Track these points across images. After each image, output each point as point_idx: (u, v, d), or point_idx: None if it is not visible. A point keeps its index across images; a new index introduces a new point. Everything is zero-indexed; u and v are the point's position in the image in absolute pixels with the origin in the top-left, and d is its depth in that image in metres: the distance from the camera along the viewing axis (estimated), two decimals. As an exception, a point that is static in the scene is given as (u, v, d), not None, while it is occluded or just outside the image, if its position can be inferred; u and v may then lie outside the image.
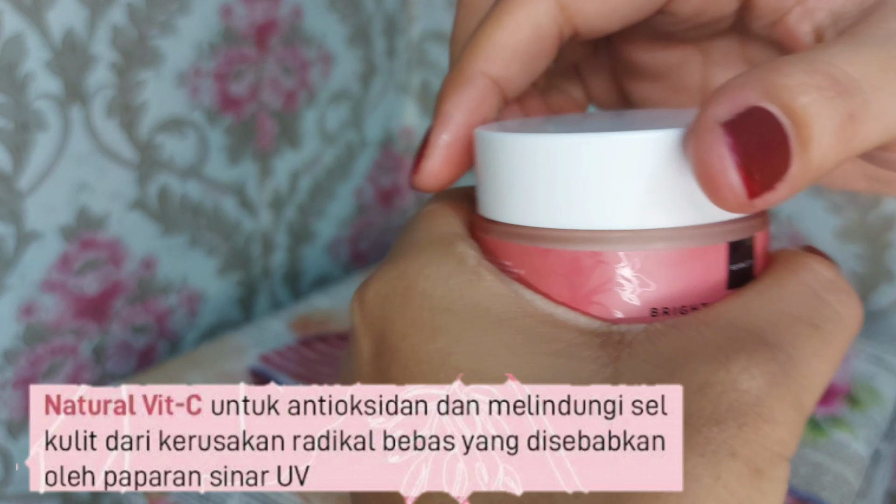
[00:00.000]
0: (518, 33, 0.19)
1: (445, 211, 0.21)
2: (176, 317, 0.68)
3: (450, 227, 0.20)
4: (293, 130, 0.75)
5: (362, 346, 0.20)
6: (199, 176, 0.66)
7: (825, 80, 0.15)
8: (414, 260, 0.19)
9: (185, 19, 0.61)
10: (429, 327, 0.18)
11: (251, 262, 0.75)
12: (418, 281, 0.19)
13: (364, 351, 0.20)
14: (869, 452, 0.51)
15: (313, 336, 0.60)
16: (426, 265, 0.19)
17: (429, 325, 0.18)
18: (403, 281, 0.19)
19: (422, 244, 0.20)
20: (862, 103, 0.15)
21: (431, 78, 0.89)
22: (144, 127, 0.60)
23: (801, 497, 0.44)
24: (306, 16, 0.73)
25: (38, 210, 0.55)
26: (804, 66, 0.15)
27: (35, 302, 0.56)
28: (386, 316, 0.19)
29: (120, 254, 0.61)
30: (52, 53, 0.53)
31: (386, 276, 0.20)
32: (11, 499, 0.59)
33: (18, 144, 0.52)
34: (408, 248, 0.20)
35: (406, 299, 0.18)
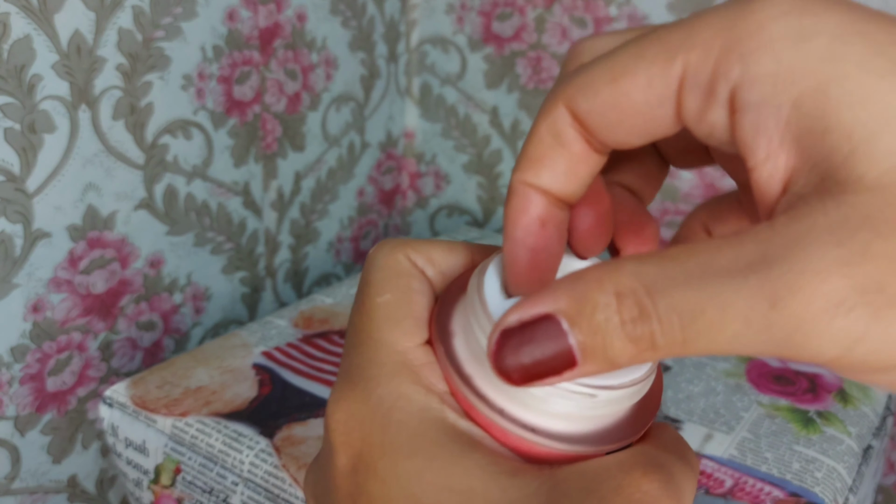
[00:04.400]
0: (540, 144, 0.21)
1: (401, 314, 0.24)
2: (181, 314, 0.69)
3: (408, 338, 0.23)
4: (296, 132, 0.76)
5: (338, 460, 0.22)
6: (204, 176, 0.67)
7: (624, 305, 0.18)
8: (386, 388, 0.22)
9: (191, 23, 0.62)
10: (406, 449, 0.21)
11: (255, 261, 0.75)
12: (393, 412, 0.22)
13: (340, 465, 0.22)
14: (861, 448, 0.51)
15: (316, 333, 0.61)
16: (399, 398, 0.22)
17: (406, 447, 0.21)
18: (380, 409, 0.22)
19: (390, 369, 0.23)
20: (648, 332, 0.17)
21: (432, 81, 0.90)
22: (150, 128, 0.61)
23: (793, 492, 0.45)
24: (309, 20, 0.74)
25: (45, 210, 0.56)
26: (609, 287, 0.18)
27: (43, 300, 0.57)
28: (364, 438, 0.22)
29: (126, 253, 0.62)
30: (60, 56, 0.54)
31: (361, 399, 0.22)
32: (18, 493, 0.60)
33: (26, 146, 0.53)
34: (377, 371, 0.23)
35: (384, 426, 0.22)
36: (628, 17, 0.76)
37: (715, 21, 0.18)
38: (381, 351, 0.23)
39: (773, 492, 0.45)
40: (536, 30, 0.81)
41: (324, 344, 0.59)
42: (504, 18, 0.83)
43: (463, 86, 0.88)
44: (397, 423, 0.22)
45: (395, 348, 0.23)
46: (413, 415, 0.22)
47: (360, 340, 0.24)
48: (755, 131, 0.18)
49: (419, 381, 0.23)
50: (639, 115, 0.19)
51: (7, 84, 0.51)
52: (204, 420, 0.49)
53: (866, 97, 0.17)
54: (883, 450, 0.58)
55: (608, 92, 0.19)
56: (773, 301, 0.16)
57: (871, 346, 0.16)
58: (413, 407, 0.22)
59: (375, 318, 0.23)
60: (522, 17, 0.82)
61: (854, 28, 0.17)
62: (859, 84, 0.17)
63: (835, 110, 0.17)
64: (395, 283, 0.24)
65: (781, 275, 0.16)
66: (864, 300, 0.16)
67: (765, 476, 0.46)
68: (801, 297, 0.16)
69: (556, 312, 0.18)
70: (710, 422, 0.51)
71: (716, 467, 0.47)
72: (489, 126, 0.87)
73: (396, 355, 0.23)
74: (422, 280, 0.24)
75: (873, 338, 0.16)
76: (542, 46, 0.81)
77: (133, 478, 0.52)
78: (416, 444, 0.21)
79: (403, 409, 0.22)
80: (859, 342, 0.16)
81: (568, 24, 0.79)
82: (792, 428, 0.51)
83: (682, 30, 0.18)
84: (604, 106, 0.19)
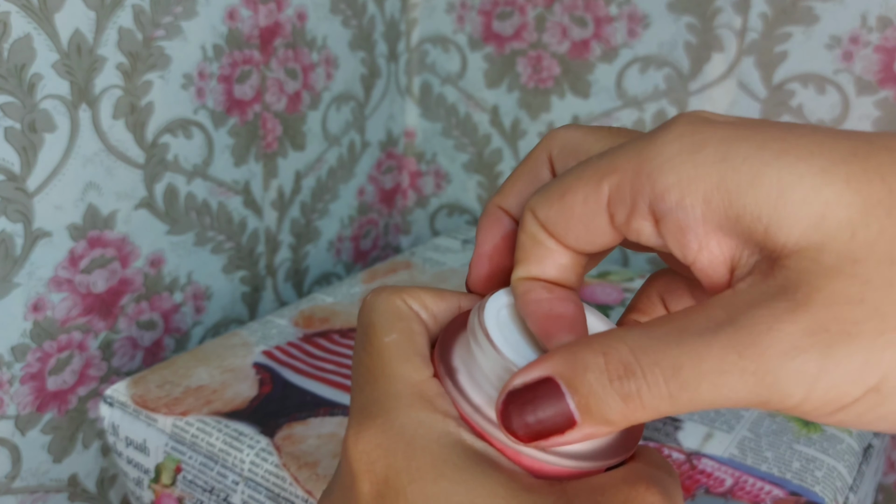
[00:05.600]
0: (522, 248, 0.25)
1: (409, 351, 0.26)
2: (182, 313, 0.69)
3: (419, 372, 0.25)
4: (297, 131, 0.76)
5: (362, 487, 0.24)
6: (204, 176, 0.67)
7: (610, 364, 0.20)
8: (407, 417, 0.24)
9: (191, 22, 0.62)
10: (432, 473, 0.23)
11: (256, 260, 0.75)
12: (416, 439, 0.24)
13: (365, 492, 0.24)
14: (861, 447, 0.51)
15: (316, 332, 0.61)
16: (420, 425, 0.24)
17: (432, 471, 0.23)
18: (403, 437, 0.24)
19: (408, 400, 0.25)
20: (636, 389, 0.20)
21: (432, 80, 0.90)
22: (151, 128, 0.61)
23: (794, 491, 0.45)
24: (309, 19, 0.74)
25: (46, 209, 0.56)
26: (598, 348, 0.21)
27: (43, 299, 0.57)
28: (390, 465, 0.24)
29: (127, 252, 0.62)
30: (60, 55, 0.54)
31: (382, 430, 0.24)
32: (19, 492, 0.60)
33: (26, 145, 0.53)
34: (395, 403, 0.25)
35: (409, 453, 0.23)
36: (628, 16, 0.76)
37: (629, 150, 0.22)
38: (397, 384, 0.25)
39: (773, 491, 0.45)
40: (537, 29, 0.81)
41: (324, 343, 0.59)
42: (504, 17, 0.83)
43: (463, 85, 0.88)
44: (421, 448, 0.24)
45: (409, 381, 0.25)
46: (434, 440, 0.24)
47: (373, 377, 0.26)
48: (681, 231, 0.21)
49: (436, 409, 0.25)
50: (581, 224, 0.23)
51: (7, 83, 0.51)
52: (204, 419, 0.49)
53: (759, 182, 0.20)
54: (883, 448, 0.59)
55: (558, 205, 0.24)
56: (740, 351, 0.19)
57: (828, 381, 0.18)
58: (434, 433, 0.24)
59: (386, 356, 0.26)
60: (523, 17, 0.82)
61: (737, 134, 0.21)
62: (751, 173, 0.20)
63: (738, 199, 0.20)
64: (398, 325, 0.27)
65: (743, 327, 0.19)
66: (812, 340, 0.19)
67: (765, 475, 0.46)
68: (762, 343, 0.19)
69: (554, 375, 0.21)
70: (710, 421, 0.51)
71: (716, 466, 0.47)
72: (489, 125, 0.87)
73: (412, 387, 0.25)
74: (419, 322, 0.27)
75: (829, 373, 0.18)
76: (543, 45, 0.81)
77: (134, 477, 0.52)
78: (441, 468, 0.23)
79: (425, 436, 0.24)
80: (818, 379, 0.19)
81: (568, 24, 0.79)
82: (792, 427, 0.51)
83: (607, 157, 0.23)
84: (556, 216, 0.24)
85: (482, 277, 0.28)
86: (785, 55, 0.70)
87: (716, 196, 0.20)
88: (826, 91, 0.69)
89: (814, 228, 0.19)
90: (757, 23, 0.70)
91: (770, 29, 0.70)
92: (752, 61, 0.71)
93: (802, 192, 0.20)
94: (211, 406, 0.51)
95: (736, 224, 0.20)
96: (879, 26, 0.65)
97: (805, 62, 0.69)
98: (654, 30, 0.75)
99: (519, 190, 0.27)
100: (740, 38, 0.71)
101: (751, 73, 0.71)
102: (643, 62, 0.76)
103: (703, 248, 0.21)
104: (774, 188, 0.20)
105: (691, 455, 0.48)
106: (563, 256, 0.25)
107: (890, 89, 0.66)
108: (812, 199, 0.20)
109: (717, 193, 0.20)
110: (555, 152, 0.27)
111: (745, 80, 0.72)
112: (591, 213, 0.23)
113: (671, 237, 0.22)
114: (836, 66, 0.68)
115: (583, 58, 0.79)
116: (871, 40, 0.66)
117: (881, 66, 0.66)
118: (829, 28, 0.67)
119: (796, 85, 0.70)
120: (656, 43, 0.75)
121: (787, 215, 0.20)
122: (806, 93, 0.70)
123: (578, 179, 0.23)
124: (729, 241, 0.21)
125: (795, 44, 0.69)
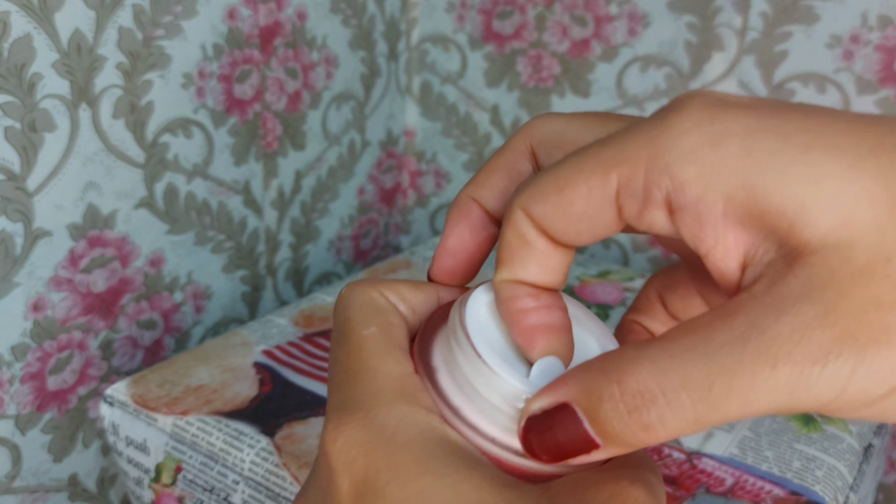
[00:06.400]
0: (509, 247, 0.24)
1: (389, 345, 0.25)
2: (182, 313, 0.69)
3: (401, 366, 0.25)
4: (297, 131, 0.76)
5: (340, 485, 0.23)
6: (204, 175, 0.67)
7: (626, 394, 0.20)
8: (388, 413, 0.23)
9: (191, 22, 0.62)
10: (414, 470, 0.22)
11: (256, 260, 0.75)
12: (398, 435, 0.23)
13: (343, 490, 0.23)
14: (862, 446, 0.51)
15: (317, 332, 0.61)
16: (402, 421, 0.23)
17: (414, 468, 0.22)
18: (384, 434, 0.23)
19: (389, 395, 0.24)
20: (657, 417, 0.19)
21: (432, 80, 0.90)
22: (151, 127, 0.61)
23: (794, 490, 0.45)
24: (309, 19, 0.74)
25: (46, 208, 0.56)
26: (612, 377, 0.20)
27: (43, 298, 0.57)
28: (369, 463, 0.23)
29: (127, 251, 0.62)
30: (60, 55, 0.54)
31: (362, 426, 0.23)
32: (19, 492, 0.60)
33: (26, 144, 0.53)
34: (375, 398, 0.24)
35: (389, 450, 0.23)
36: (628, 15, 0.76)
37: (639, 137, 0.21)
38: (378, 379, 0.24)
39: (773, 490, 0.45)
40: (537, 28, 0.81)
41: (325, 342, 0.59)
42: (504, 17, 0.83)
43: (463, 84, 0.88)
44: (402, 445, 0.23)
45: (390, 375, 0.24)
46: (417, 436, 0.23)
47: (352, 372, 0.25)
48: (698, 225, 0.21)
49: (419, 404, 0.24)
50: (583, 219, 0.22)
51: (7, 83, 0.51)
52: (205, 419, 0.50)
53: (785, 178, 0.19)
54: (884, 448, 0.59)
55: (555, 200, 0.22)
56: (774, 363, 0.18)
57: (859, 384, 0.18)
58: (417, 428, 0.23)
59: (365, 350, 0.25)
60: (523, 16, 0.82)
61: (760, 125, 0.20)
62: (777, 170, 0.19)
63: (763, 196, 0.19)
64: (376, 319, 0.26)
65: (773, 338, 0.18)
66: (845, 345, 0.18)
67: (765, 475, 0.46)
68: (795, 353, 0.18)
69: (571, 402, 0.21)
70: (710, 420, 0.51)
71: (716, 466, 0.47)
72: (490, 124, 0.87)
73: (393, 382, 0.24)
74: (397, 314, 0.26)
75: (860, 376, 0.18)
76: (543, 45, 0.81)
77: (134, 476, 0.52)
78: (424, 464, 0.22)
79: (407, 432, 0.23)
80: (849, 382, 0.18)
81: (568, 23, 0.79)
82: (793, 426, 0.51)
83: (613, 146, 0.22)
84: (553, 211, 0.23)
85: (445, 270, 0.27)
86: (785, 54, 0.69)
87: (740, 193, 0.20)
88: (826, 90, 0.69)
89: (841, 226, 0.19)
90: (757, 22, 0.70)
91: (770, 28, 0.70)
92: (752, 60, 0.71)
93: (830, 190, 0.19)
94: (211, 405, 0.51)
95: (759, 220, 0.20)
96: (880, 25, 0.65)
97: (805, 61, 0.69)
98: (655, 29, 0.75)
99: (494, 182, 0.26)
100: (741, 37, 0.71)
101: (751, 72, 0.71)
102: (643, 61, 0.76)
103: (719, 242, 0.21)
104: (801, 186, 0.19)
105: (692, 454, 0.48)
106: (551, 257, 0.24)
107: (890, 88, 0.66)
108: (840, 196, 0.19)
109: (741, 191, 0.20)
110: (536, 143, 0.26)
111: (745, 80, 0.72)
112: (597, 207, 0.22)
113: (686, 229, 0.21)
114: (837, 65, 0.68)
115: (583, 57, 0.79)
116: (872, 39, 0.66)
117: (882, 66, 0.66)
118: (829, 27, 0.67)
119: (797, 84, 0.70)
120: (656, 42, 0.75)
121: (815, 212, 0.19)
122: (806, 92, 0.69)
123: (579, 172, 0.22)
124: (747, 237, 0.20)
125: (796, 43, 0.69)
